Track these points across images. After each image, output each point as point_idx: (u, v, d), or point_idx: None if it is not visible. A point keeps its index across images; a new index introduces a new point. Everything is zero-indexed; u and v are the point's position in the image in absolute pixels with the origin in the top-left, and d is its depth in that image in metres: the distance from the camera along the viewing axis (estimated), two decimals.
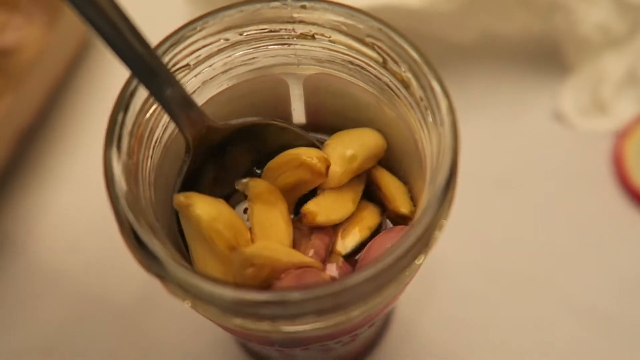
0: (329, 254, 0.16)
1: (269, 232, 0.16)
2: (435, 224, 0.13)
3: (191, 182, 0.17)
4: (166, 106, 0.15)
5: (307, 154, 0.16)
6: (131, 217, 0.13)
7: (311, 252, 0.15)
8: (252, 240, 0.16)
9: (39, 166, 0.33)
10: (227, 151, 0.17)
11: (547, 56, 0.35)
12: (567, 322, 0.29)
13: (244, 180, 0.16)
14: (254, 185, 0.16)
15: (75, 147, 0.34)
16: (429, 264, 0.30)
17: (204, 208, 0.15)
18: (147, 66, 0.14)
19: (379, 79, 0.16)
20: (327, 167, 0.16)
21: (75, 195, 0.33)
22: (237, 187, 0.17)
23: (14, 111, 0.32)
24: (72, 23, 0.34)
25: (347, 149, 0.17)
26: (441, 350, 0.29)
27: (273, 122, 0.17)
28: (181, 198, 0.15)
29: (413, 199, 0.18)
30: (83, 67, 0.36)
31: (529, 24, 0.33)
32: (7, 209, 0.32)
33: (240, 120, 0.17)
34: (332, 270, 0.15)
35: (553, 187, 0.33)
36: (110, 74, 0.36)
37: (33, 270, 0.31)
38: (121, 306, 0.30)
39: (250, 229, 0.16)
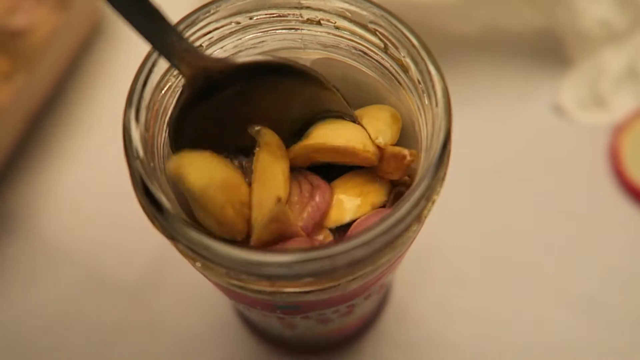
0: (322, 220, 0.16)
1: (269, 182, 0.16)
2: (429, 195, 0.14)
3: (191, 123, 0.16)
4: (157, 43, 0.15)
5: (364, 148, 0.16)
6: (145, 178, 0.14)
7: (305, 214, 0.16)
8: (251, 185, 0.16)
9: (49, 147, 0.34)
10: (229, 96, 0.16)
11: (548, 50, 0.35)
12: (559, 310, 0.30)
13: (257, 128, 0.17)
14: (266, 134, 0.17)
15: (85, 129, 0.35)
16: (424, 248, 0.31)
17: (195, 176, 0.15)
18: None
19: (381, 63, 0.17)
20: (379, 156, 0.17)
21: (83, 175, 0.33)
22: (249, 132, 0.17)
23: (26, 93, 0.33)
24: (83, 5, 0.35)
25: (384, 125, 0.17)
26: (435, 333, 0.30)
27: (289, 63, 0.16)
28: (171, 166, 0.15)
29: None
30: (94, 50, 0.37)
31: (531, 17, 0.34)
32: (17, 187, 0.33)
33: (248, 59, 0.16)
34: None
35: (550, 178, 0.33)
36: (121, 57, 0.36)
37: (41, 248, 0.32)
38: (126, 283, 0.31)
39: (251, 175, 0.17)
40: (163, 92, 0.16)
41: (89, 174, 0.33)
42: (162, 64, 0.16)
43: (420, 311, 0.30)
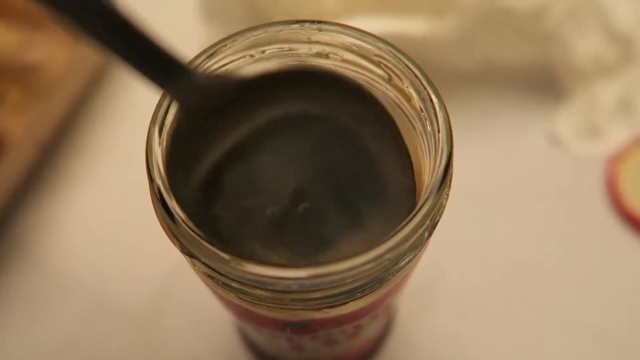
0: None
1: None
2: (434, 214, 0.14)
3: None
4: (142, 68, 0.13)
5: None
6: (164, 192, 0.15)
7: None
8: None
9: (58, 175, 0.35)
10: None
11: (544, 83, 0.36)
12: (563, 339, 0.30)
13: None
14: None
15: (93, 158, 0.35)
16: (427, 277, 0.31)
17: None
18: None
19: (385, 93, 0.18)
20: None
21: (90, 203, 0.34)
22: None
23: (38, 124, 0.33)
24: None
25: None
26: None
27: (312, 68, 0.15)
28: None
29: None
30: (105, 82, 0.38)
31: (527, 52, 0.35)
32: (26, 215, 0.34)
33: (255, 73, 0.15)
34: None
35: (549, 206, 0.34)
36: (130, 90, 0.37)
37: (48, 274, 0.32)
38: (133, 310, 0.31)
39: None
40: None
41: (97, 203, 0.34)
42: None
43: (424, 340, 0.31)
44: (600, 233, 0.33)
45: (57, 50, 0.36)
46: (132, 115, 0.37)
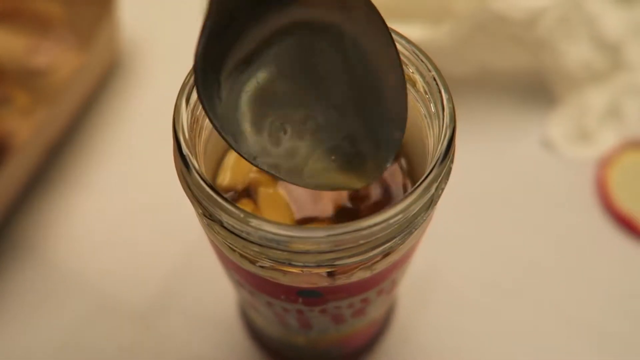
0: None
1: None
2: (440, 180, 0.15)
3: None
4: None
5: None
6: (185, 150, 0.15)
7: None
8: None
9: (64, 178, 0.35)
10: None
11: (536, 89, 0.38)
12: (559, 335, 0.31)
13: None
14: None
15: (99, 161, 0.36)
16: (425, 276, 0.32)
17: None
18: None
19: None
20: None
21: (96, 205, 0.34)
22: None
23: (44, 127, 0.34)
24: (103, 45, 0.37)
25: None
26: (437, 357, 0.31)
27: None
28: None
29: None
30: (111, 86, 0.38)
31: (520, 59, 0.36)
32: (31, 215, 0.34)
33: None
34: None
35: (542, 208, 0.35)
36: (136, 94, 0.38)
37: (52, 275, 0.32)
38: (136, 309, 0.31)
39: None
40: None
41: (101, 205, 0.35)
42: None
43: (421, 336, 0.31)
44: (592, 233, 0.34)
45: (64, 55, 0.37)
46: (137, 119, 0.38)
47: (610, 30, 0.36)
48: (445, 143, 0.15)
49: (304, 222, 0.18)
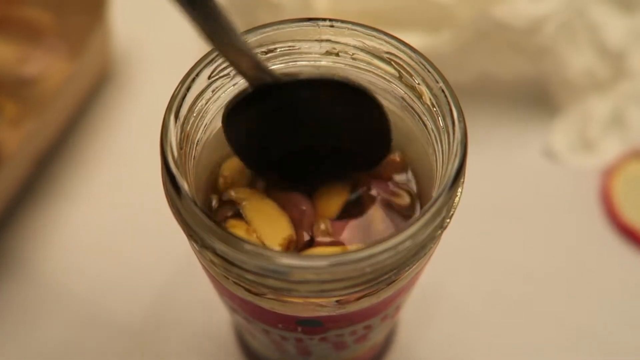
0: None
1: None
2: (450, 203, 0.15)
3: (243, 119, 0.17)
4: (226, 50, 0.15)
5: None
6: (174, 169, 0.15)
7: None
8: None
9: (53, 188, 0.34)
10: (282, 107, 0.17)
11: (538, 97, 0.37)
12: (565, 349, 0.30)
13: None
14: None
15: (89, 172, 0.35)
16: (427, 289, 0.31)
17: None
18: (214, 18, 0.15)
19: (394, 91, 0.18)
20: None
21: (86, 216, 0.34)
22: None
23: (34, 137, 0.33)
24: (94, 54, 0.36)
25: None
26: None
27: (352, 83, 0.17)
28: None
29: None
30: (102, 95, 0.38)
31: (522, 67, 0.36)
32: (21, 226, 0.33)
33: (304, 76, 0.17)
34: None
35: (545, 218, 0.34)
36: (127, 103, 0.37)
37: (42, 286, 0.32)
38: (129, 325, 0.31)
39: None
40: (203, 99, 0.17)
41: (92, 215, 0.34)
42: (205, 73, 0.17)
43: (424, 352, 0.31)
44: (596, 244, 0.34)
45: (54, 64, 0.36)
46: (128, 130, 0.37)
47: (613, 38, 0.35)
48: (459, 160, 0.15)
49: (304, 228, 0.17)
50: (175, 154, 0.15)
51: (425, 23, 0.34)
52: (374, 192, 0.18)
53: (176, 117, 0.16)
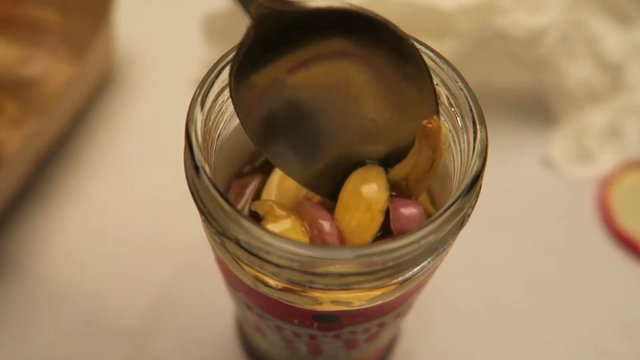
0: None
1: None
2: (469, 203, 0.15)
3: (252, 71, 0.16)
4: None
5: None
6: (200, 158, 0.15)
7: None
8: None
9: (54, 190, 0.34)
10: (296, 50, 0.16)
11: (537, 108, 0.38)
12: (557, 355, 0.31)
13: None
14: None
15: (90, 173, 0.35)
16: (427, 297, 0.31)
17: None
18: None
19: None
20: None
21: (87, 218, 0.33)
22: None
23: (35, 138, 0.33)
24: (96, 56, 0.36)
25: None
26: None
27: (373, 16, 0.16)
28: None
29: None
30: (104, 97, 0.38)
31: (521, 77, 0.36)
32: (21, 228, 0.33)
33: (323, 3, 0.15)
34: None
35: (543, 228, 0.35)
36: (129, 104, 0.38)
37: (40, 289, 0.31)
38: (127, 328, 0.30)
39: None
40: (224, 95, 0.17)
41: (93, 218, 0.34)
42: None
43: (425, 358, 0.31)
44: (594, 253, 0.34)
45: (57, 65, 0.36)
46: (130, 132, 0.37)
47: (611, 50, 0.36)
48: (476, 169, 0.15)
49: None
50: (201, 142, 0.15)
51: (427, 32, 0.34)
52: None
53: (202, 107, 0.15)
